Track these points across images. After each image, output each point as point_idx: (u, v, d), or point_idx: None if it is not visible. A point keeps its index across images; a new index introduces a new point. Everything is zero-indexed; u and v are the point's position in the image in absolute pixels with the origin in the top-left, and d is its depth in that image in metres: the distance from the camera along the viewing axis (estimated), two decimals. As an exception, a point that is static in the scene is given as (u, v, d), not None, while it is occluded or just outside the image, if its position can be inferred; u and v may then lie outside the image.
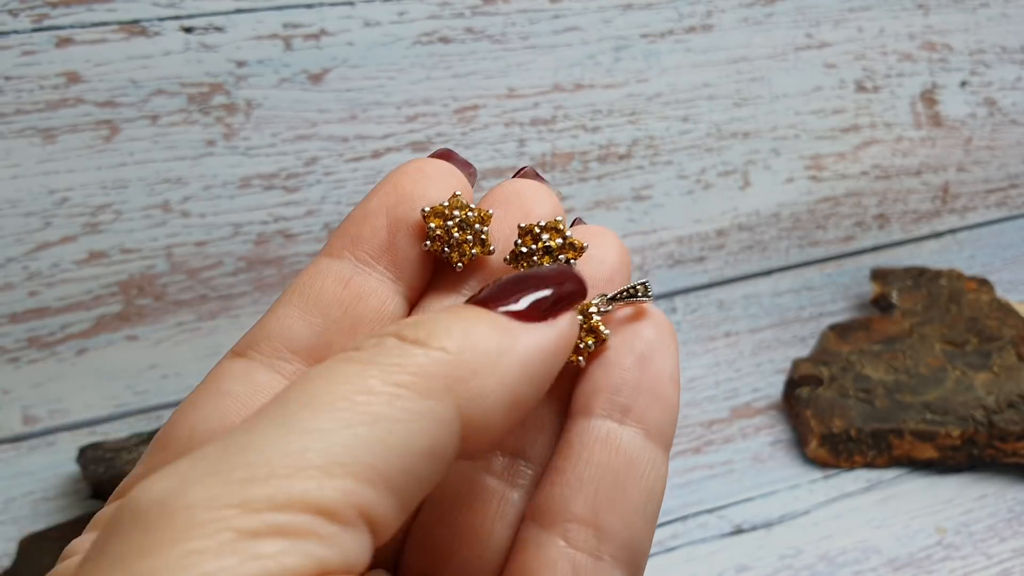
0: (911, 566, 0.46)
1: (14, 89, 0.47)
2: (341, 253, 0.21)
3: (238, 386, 0.20)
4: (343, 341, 0.21)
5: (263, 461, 0.14)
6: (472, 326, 0.17)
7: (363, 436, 0.15)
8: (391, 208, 0.21)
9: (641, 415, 0.20)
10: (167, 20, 0.49)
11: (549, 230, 0.21)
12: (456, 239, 0.21)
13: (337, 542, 0.14)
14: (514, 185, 0.23)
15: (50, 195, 0.49)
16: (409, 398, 0.16)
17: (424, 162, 0.22)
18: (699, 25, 0.59)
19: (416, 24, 0.53)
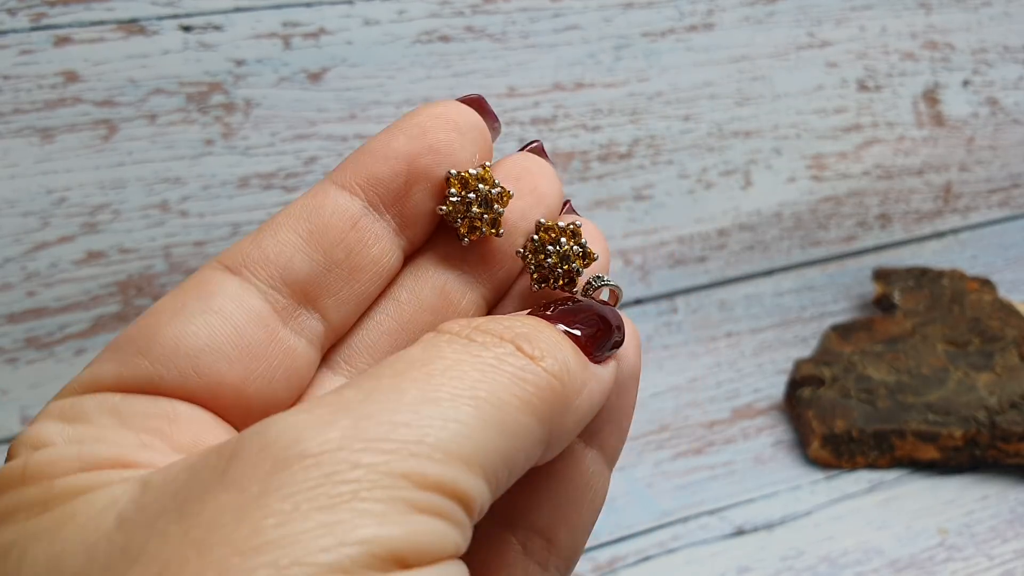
0: (913, 567, 0.45)
1: (12, 88, 0.47)
2: (352, 187, 0.20)
3: (230, 306, 0.19)
4: (337, 286, 0.20)
5: (420, 438, 0.15)
6: (567, 353, 0.18)
7: (494, 442, 0.16)
8: (415, 156, 0.21)
9: (604, 441, 0.21)
10: (166, 19, 0.48)
11: (568, 235, 0.22)
12: (473, 213, 0.21)
13: (466, 533, 0.15)
14: (526, 162, 0.22)
15: (48, 195, 0.48)
16: (529, 415, 0.17)
17: (456, 109, 0.21)
18: (700, 24, 0.59)
19: (416, 23, 0.53)
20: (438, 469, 0.15)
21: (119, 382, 0.18)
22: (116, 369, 0.19)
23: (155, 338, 0.19)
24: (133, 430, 0.18)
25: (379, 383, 0.16)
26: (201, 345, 0.19)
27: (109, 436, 0.17)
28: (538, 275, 0.22)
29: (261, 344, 0.19)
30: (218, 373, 0.19)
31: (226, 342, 0.19)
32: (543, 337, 0.18)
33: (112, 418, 0.18)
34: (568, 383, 0.17)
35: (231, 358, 0.19)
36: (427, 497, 0.15)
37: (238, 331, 0.19)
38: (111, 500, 0.15)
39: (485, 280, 0.22)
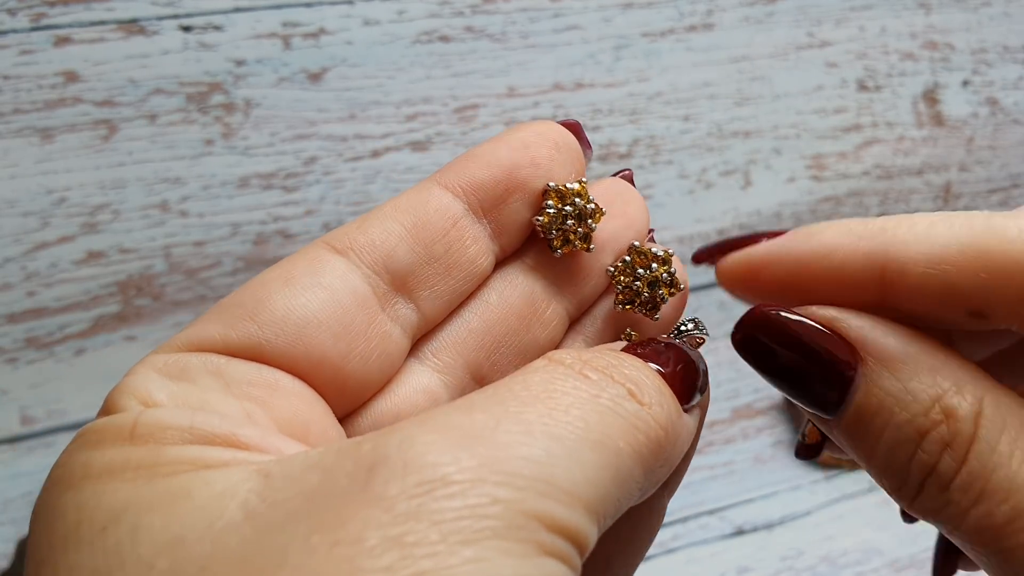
0: (913, 567, 0.45)
1: (12, 88, 0.47)
2: (456, 189, 0.21)
3: (338, 283, 0.20)
4: (434, 280, 0.21)
5: (548, 478, 0.15)
6: (672, 407, 0.18)
7: (610, 491, 0.16)
8: (517, 167, 0.21)
9: (672, 485, 0.22)
10: (165, 19, 0.48)
11: (659, 261, 0.22)
12: (567, 226, 0.22)
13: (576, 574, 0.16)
14: (619, 188, 0.24)
15: (48, 195, 0.48)
16: (637, 463, 0.17)
17: (557, 130, 0.23)
18: (700, 24, 0.59)
19: (416, 23, 0.53)
20: (565, 513, 0.15)
21: (226, 344, 0.19)
22: (223, 330, 0.19)
23: (265, 304, 0.19)
24: (236, 397, 0.18)
25: (506, 410, 0.16)
26: (309, 317, 0.19)
27: (214, 401, 0.18)
28: (623, 296, 0.22)
29: (362, 324, 0.20)
30: (322, 346, 0.19)
31: (332, 317, 0.19)
32: (650, 383, 0.18)
33: (217, 380, 0.18)
34: (671, 433, 0.18)
35: (336, 334, 0.19)
36: (553, 540, 0.15)
37: (344, 309, 0.20)
38: (230, 486, 0.15)
39: (571, 294, 0.23)
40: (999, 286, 0.18)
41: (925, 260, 0.19)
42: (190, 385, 0.18)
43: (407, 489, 0.14)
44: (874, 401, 0.19)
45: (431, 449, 0.15)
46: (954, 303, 0.19)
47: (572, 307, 0.23)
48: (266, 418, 0.18)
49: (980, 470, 0.18)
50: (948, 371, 0.18)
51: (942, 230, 0.19)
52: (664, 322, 0.23)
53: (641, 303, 0.22)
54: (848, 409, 0.19)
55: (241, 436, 0.17)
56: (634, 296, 0.22)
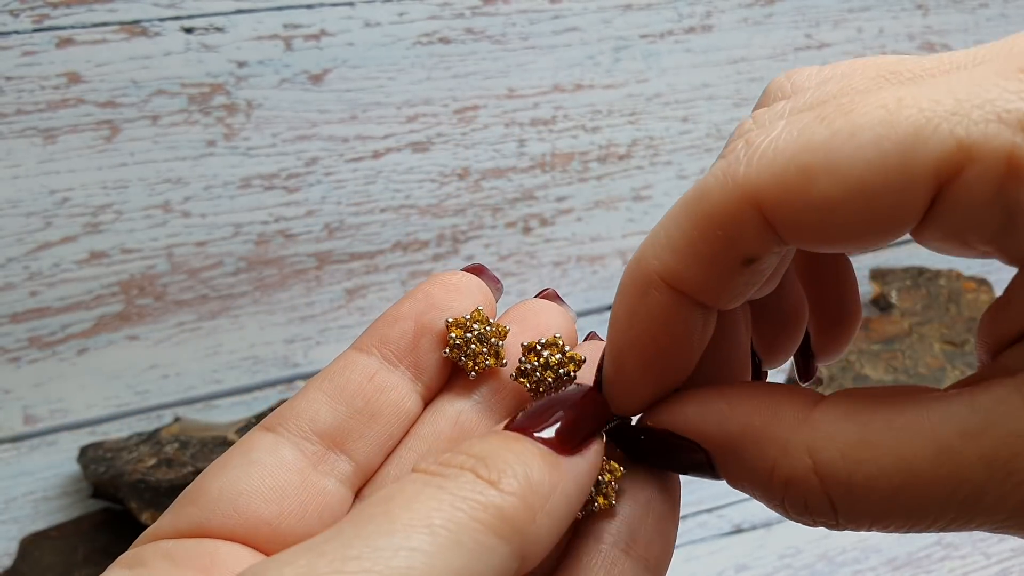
0: (910, 565, 0.46)
1: (15, 89, 0.47)
2: (370, 349, 0.24)
3: (266, 456, 0.22)
4: (361, 429, 0.23)
5: (367, 567, 0.16)
6: (529, 464, 0.19)
7: (451, 563, 0.17)
8: (420, 314, 0.24)
9: (646, 550, 0.22)
10: (168, 20, 0.49)
11: (549, 347, 0.23)
12: (473, 350, 0.24)
13: None
14: (532, 305, 0.25)
15: (51, 195, 0.49)
16: (486, 535, 0.17)
17: (457, 275, 0.25)
18: (699, 25, 0.59)
19: (416, 24, 0.53)
20: None
21: (175, 529, 0.22)
22: (171, 519, 0.22)
23: (202, 489, 0.22)
24: (181, 568, 0.21)
25: (343, 524, 0.17)
26: (240, 490, 0.22)
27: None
28: (535, 392, 0.24)
29: (293, 485, 0.22)
30: (255, 512, 0.22)
31: (261, 485, 0.22)
32: (503, 456, 0.19)
33: (165, 561, 0.21)
34: (530, 496, 0.18)
35: (266, 499, 0.22)
36: None
37: (272, 476, 0.22)
38: None
39: (499, 408, 0.24)
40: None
41: None
42: (143, 569, 0.21)
43: None
44: (733, 477, 0.20)
45: (256, 572, 0.16)
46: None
47: (504, 418, 0.24)
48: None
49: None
50: (773, 437, 0.19)
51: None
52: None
53: (549, 390, 0.24)
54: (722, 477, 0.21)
55: None
56: (546, 387, 0.24)
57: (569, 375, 0.23)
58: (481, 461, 0.19)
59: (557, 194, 0.59)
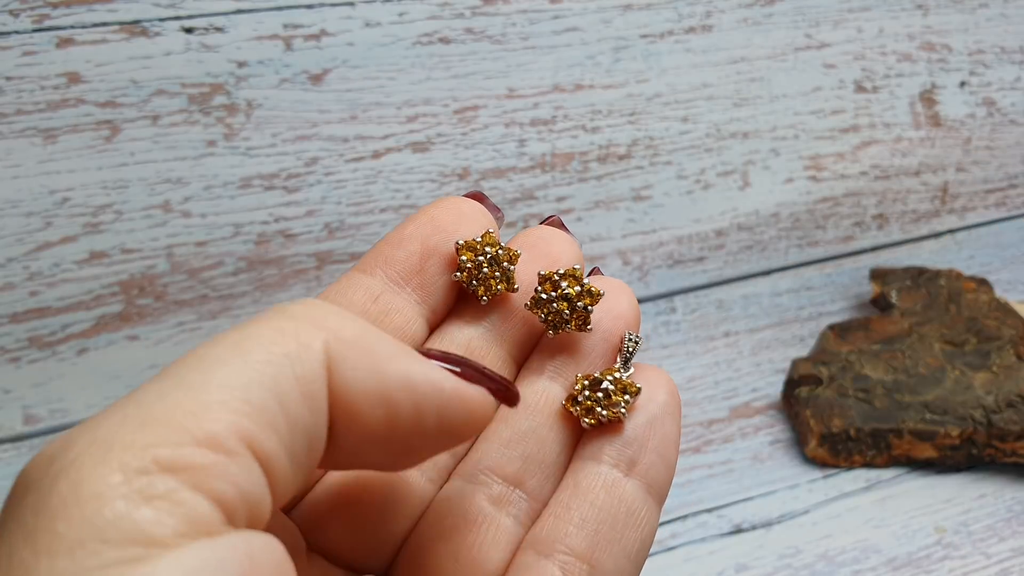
0: (910, 566, 0.46)
1: (15, 89, 0.47)
2: (373, 270, 0.23)
3: None
4: None
5: (143, 415, 0.15)
6: (344, 325, 0.18)
7: (233, 368, 0.16)
8: (426, 236, 0.23)
9: (646, 471, 0.22)
10: (168, 20, 0.49)
11: (568, 278, 0.23)
12: (485, 274, 0.23)
13: (224, 472, 0.15)
14: (540, 231, 0.24)
15: (51, 195, 0.49)
16: (279, 343, 0.16)
17: (460, 200, 0.24)
18: (699, 25, 0.59)
19: (416, 24, 0.53)
20: (154, 432, 0.15)
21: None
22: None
23: None
24: None
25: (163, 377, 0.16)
26: None
27: None
28: (550, 322, 0.23)
29: None
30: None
31: None
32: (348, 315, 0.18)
33: None
34: (329, 339, 0.17)
35: None
36: (146, 456, 0.15)
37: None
38: None
39: (510, 336, 0.24)
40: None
41: None
42: None
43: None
44: None
45: (56, 447, 0.15)
46: None
47: (515, 348, 0.24)
48: None
49: None
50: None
51: None
52: (605, 333, 0.24)
53: (566, 321, 0.23)
54: None
55: None
56: (560, 319, 0.23)
57: (587, 309, 0.23)
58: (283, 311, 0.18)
59: (557, 194, 0.59)
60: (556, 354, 0.23)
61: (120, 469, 0.14)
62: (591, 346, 0.23)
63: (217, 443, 0.15)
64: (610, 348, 0.23)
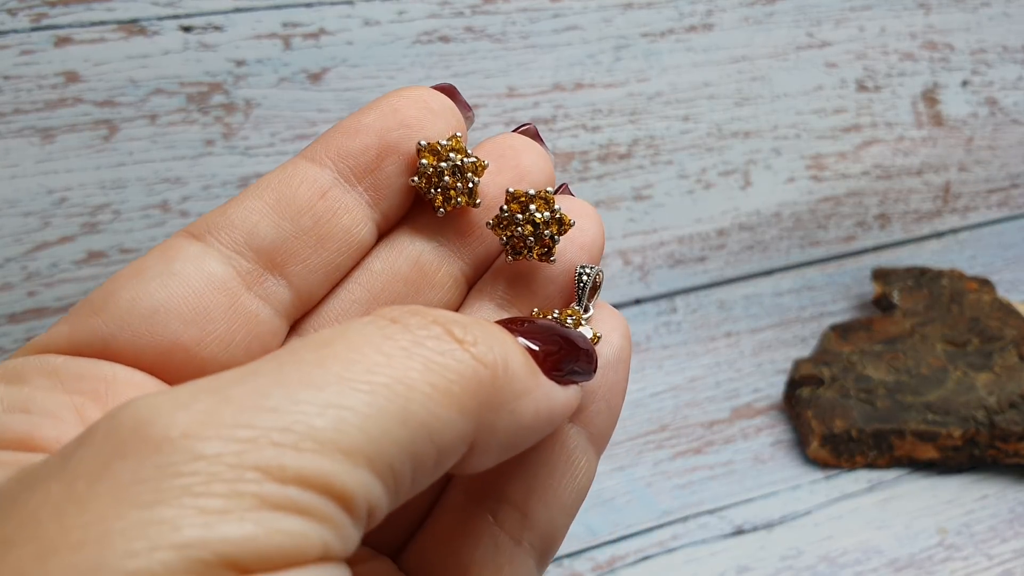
0: (912, 567, 0.46)
1: (12, 89, 0.47)
2: (323, 161, 0.20)
3: (189, 268, 0.19)
4: (305, 253, 0.20)
5: (297, 428, 0.13)
6: (510, 350, 0.16)
7: (393, 433, 0.14)
8: (386, 131, 0.21)
9: (591, 419, 0.20)
10: (166, 19, 0.48)
11: (538, 200, 0.21)
12: (446, 183, 0.21)
13: (345, 533, 0.14)
14: (512, 140, 0.22)
15: (48, 195, 0.48)
16: (443, 406, 0.15)
17: (428, 92, 0.21)
18: (700, 24, 0.59)
19: (416, 23, 0.53)
20: (303, 460, 0.13)
21: (71, 343, 0.18)
22: (69, 330, 0.18)
23: (110, 298, 0.19)
24: (68, 392, 0.17)
25: (263, 363, 0.14)
26: (156, 305, 0.18)
27: (41, 400, 0.17)
28: (511, 245, 0.21)
29: (220, 307, 0.19)
30: (172, 333, 0.18)
31: (182, 303, 0.19)
32: (484, 328, 0.16)
33: (49, 379, 0.17)
34: (503, 377, 0.16)
35: (186, 319, 0.18)
36: (283, 491, 0.13)
37: (196, 293, 0.19)
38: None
39: (465, 254, 0.22)
40: None
41: None
42: (21, 387, 0.17)
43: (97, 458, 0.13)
44: None
45: (139, 412, 0.13)
46: None
47: (468, 268, 0.22)
48: (97, 409, 0.17)
49: None
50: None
51: None
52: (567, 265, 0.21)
53: (528, 248, 0.21)
54: None
55: (38, 437, 0.16)
56: (522, 244, 0.21)
57: (553, 238, 0.21)
58: (456, 323, 0.16)
59: (557, 194, 0.58)
60: (512, 281, 0.21)
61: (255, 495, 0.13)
62: (550, 278, 0.21)
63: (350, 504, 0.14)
64: (572, 282, 0.21)
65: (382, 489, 0.14)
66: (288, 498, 0.13)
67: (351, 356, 0.14)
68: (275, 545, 0.13)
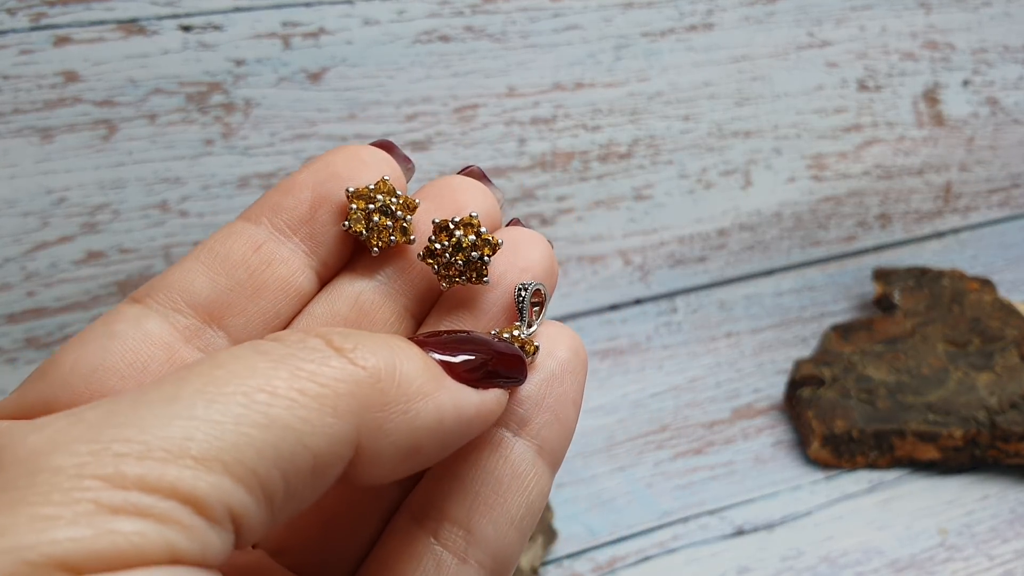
0: (913, 567, 0.45)
1: (12, 88, 0.47)
2: (259, 219, 0.21)
3: (128, 329, 0.20)
4: (243, 304, 0.20)
5: (142, 439, 0.14)
6: (402, 356, 0.17)
7: (252, 437, 0.14)
8: (319, 184, 0.21)
9: (537, 431, 0.20)
10: (165, 19, 0.48)
11: (464, 226, 0.21)
12: (376, 223, 0.21)
13: (198, 535, 0.14)
14: (450, 181, 0.23)
15: (48, 195, 0.48)
16: (310, 409, 0.15)
17: (361, 147, 0.22)
18: (700, 24, 0.59)
19: (416, 23, 0.53)
20: (145, 467, 0.14)
21: (19, 407, 0.19)
22: (18, 396, 0.19)
23: (54, 364, 0.19)
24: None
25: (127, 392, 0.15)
26: (95, 364, 0.19)
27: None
28: (442, 274, 0.21)
29: (158, 361, 0.20)
30: (110, 389, 0.19)
31: (120, 360, 0.19)
32: (370, 336, 0.17)
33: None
34: (388, 379, 0.16)
35: (123, 375, 0.19)
36: (122, 496, 0.13)
37: (133, 350, 0.19)
38: None
39: (407, 291, 0.22)
40: None
41: None
42: None
43: None
44: None
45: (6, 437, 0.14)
46: None
47: (412, 303, 0.22)
48: None
49: None
50: None
51: None
52: (510, 287, 0.22)
53: (459, 273, 0.21)
54: None
55: None
56: (453, 271, 0.21)
57: (483, 259, 0.21)
58: (339, 333, 0.16)
59: (557, 193, 0.58)
60: (456, 309, 0.22)
61: (92, 501, 0.13)
62: (492, 301, 0.22)
63: (202, 506, 0.14)
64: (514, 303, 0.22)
65: (245, 494, 0.14)
66: (127, 502, 0.13)
67: (214, 373, 0.15)
68: (109, 545, 0.13)
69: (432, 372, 0.17)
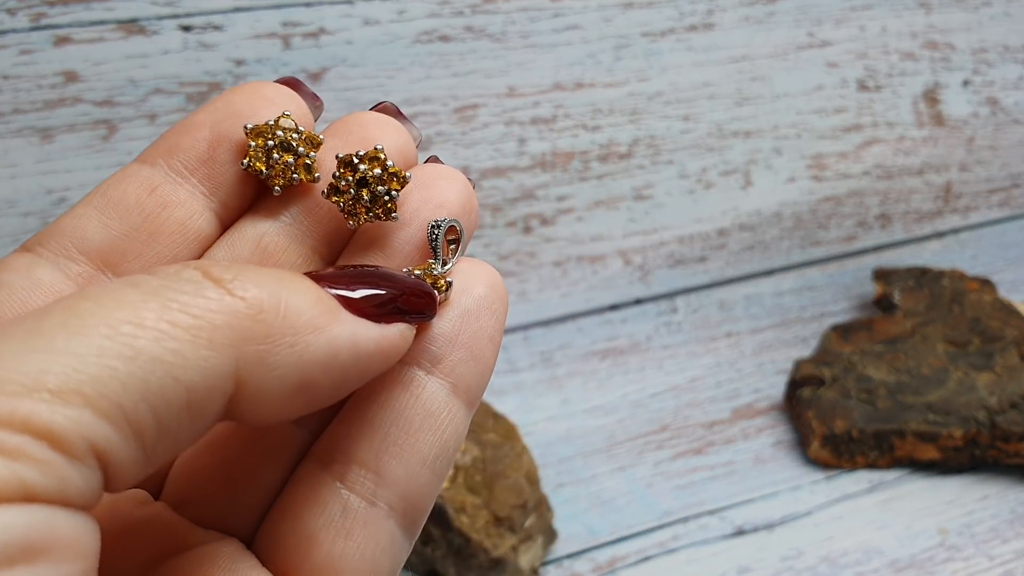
0: (913, 567, 0.45)
1: (12, 88, 0.47)
2: (155, 161, 0.20)
3: (16, 278, 0.19)
4: (138, 249, 0.20)
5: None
6: (290, 289, 0.16)
7: (116, 370, 0.14)
8: (217, 122, 0.20)
9: (451, 369, 0.19)
10: (165, 19, 0.48)
11: (368, 160, 0.20)
12: (276, 160, 0.20)
13: (55, 471, 0.13)
14: (359, 116, 0.22)
15: (48, 195, 0.48)
16: (182, 341, 0.14)
17: (266, 85, 0.21)
18: (700, 24, 0.59)
19: (416, 23, 0.53)
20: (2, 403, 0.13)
21: None
22: None
23: None
24: None
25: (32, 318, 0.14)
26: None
27: None
28: (347, 210, 0.20)
29: None
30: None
31: (8, 311, 0.19)
32: (254, 269, 0.16)
33: None
34: (272, 312, 0.15)
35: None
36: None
37: (22, 300, 0.19)
38: None
39: (315, 232, 0.21)
40: None
41: None
42: None
43: None
44: None
45: None
46: None
47: (322, 245, 0.21)
48: None
49: None
50: None
51: None
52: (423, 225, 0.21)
53: (367, 210, 0.20)
54: None
55: None
56: (361, 208, 0.20)
57: (390, 194, 0.20)
58: (219, 266, 0.16)
59: (557, 193, 0.58)
60: (369, 248, 0.21)
61: None
62: (405, 239, 0.21)
63: (58, 441, 0.13)
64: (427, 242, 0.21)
65: (110, 429, 0.14)
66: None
67: (80, 305, 0.14)
68: None
69: (326, 306, 0.16)
